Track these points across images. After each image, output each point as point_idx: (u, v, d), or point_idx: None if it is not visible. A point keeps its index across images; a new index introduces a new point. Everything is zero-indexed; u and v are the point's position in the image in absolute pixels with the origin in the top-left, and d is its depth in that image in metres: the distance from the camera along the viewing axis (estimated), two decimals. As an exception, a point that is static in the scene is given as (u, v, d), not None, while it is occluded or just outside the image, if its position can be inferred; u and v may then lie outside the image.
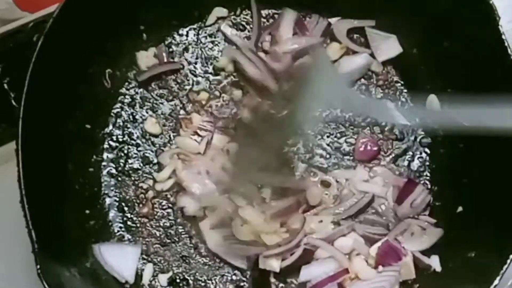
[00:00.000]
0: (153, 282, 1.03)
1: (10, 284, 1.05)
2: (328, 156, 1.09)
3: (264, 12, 1.15)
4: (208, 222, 1.04)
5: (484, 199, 0.98)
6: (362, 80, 1.14)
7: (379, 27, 1.13)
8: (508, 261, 0.85)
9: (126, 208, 1.07)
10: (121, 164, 1.09)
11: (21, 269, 0.97)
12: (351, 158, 1.09)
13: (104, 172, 1.08)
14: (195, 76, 1.13)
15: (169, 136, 1.10)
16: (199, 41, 1.15)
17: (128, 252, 1.03)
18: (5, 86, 1.11)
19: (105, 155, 1.09)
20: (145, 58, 1.13)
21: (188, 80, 1.13)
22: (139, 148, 1.10)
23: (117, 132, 1.10)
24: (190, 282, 1.04)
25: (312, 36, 1.12)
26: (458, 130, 0.86)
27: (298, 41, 1.11)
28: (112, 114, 1.11)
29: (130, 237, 1.05)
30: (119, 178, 1.08)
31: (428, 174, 1.09)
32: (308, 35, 1.12)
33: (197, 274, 1.04)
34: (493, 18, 0.94)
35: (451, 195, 1.05)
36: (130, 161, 1.09)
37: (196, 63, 1.14)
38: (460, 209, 1.02)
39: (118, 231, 1.06)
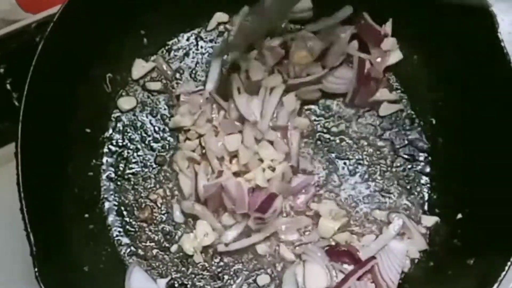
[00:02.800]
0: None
1: (8, 287, 1.05)
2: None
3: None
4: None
5: (484, 206, 0.98)
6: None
7: (380, 33, 1.13)
8: (506, 268, 0.85)
9: (125, 213, 1.07)
10: (121, 169, 1.09)
11: (19, 272, 0.97)
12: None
13: (104, 176, 1.08)
14: (196, 81, 1.13)
15: (169, 140, 1.10)
16: (199, 46, 1.15)
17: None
18: (8, 86, 1.11)
19: (104, 159, 1.09)
20: (141, 68, 1.13)
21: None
22: (138, 153, 1.10)
23: (117, 136, 1.10)
24: (188, 287, 1.03)
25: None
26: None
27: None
28: (112, 118, 1.11)
29: (128, 241, 1.05)
30: (119, 183, 1.08)
31: (428, 181, 1.09)
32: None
33: (195, 279, 1.04)
34: (493, 25, 0.94)
35: (451, 202, 1.05)
36: (129, 165, 1.09)
37: (196, 67, 1.14)
38: (459, 216, 1.02)
39: (117, 235, 1.06)
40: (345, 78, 1.11)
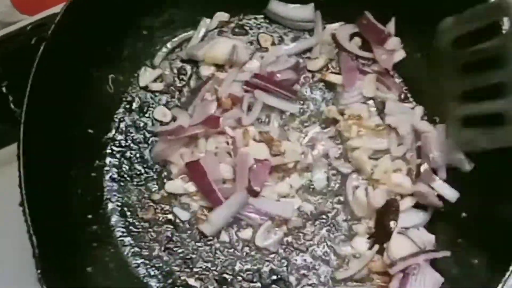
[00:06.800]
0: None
1: (11, 288, 1.05)
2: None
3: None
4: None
5: (489, 206, 0.97)
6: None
7: (383, 31, 1.12)
8: (510, 268, 0.85)
9: (128, 213, 1.07)
10: (124, 169, 1.09)
11: (21, 273, 0.97)
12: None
13: (107, 177, 1.08)
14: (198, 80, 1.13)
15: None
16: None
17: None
18: (4, 89, 1.10)
19: (107, 160, 1.09)
20: (148, 76, 1.13)
21: (190, 85, 1.13)
22: (141, 153, 1.10)
23: (120, 137, 1.10)
24: (192, 286, 1.03)
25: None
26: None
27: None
28: (115, 119, 1.11)
29: (132, 242, 1.05)
30: (122, 183, 1.08)
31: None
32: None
33: (200, 278, 1.04)
34: (497, 24, 0.93)
35: (456, 200, 1.04)
36: (132, 166, 1.09)
37: (198, 67, 1.13)
38: (464, 214, 1.01)
39: (121, 236, 1.06)
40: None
